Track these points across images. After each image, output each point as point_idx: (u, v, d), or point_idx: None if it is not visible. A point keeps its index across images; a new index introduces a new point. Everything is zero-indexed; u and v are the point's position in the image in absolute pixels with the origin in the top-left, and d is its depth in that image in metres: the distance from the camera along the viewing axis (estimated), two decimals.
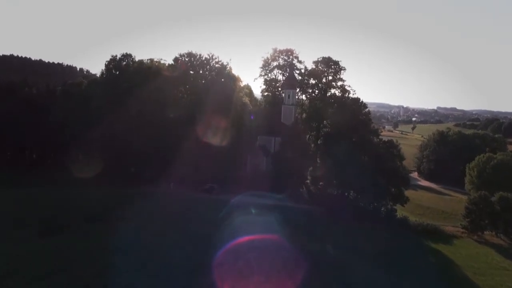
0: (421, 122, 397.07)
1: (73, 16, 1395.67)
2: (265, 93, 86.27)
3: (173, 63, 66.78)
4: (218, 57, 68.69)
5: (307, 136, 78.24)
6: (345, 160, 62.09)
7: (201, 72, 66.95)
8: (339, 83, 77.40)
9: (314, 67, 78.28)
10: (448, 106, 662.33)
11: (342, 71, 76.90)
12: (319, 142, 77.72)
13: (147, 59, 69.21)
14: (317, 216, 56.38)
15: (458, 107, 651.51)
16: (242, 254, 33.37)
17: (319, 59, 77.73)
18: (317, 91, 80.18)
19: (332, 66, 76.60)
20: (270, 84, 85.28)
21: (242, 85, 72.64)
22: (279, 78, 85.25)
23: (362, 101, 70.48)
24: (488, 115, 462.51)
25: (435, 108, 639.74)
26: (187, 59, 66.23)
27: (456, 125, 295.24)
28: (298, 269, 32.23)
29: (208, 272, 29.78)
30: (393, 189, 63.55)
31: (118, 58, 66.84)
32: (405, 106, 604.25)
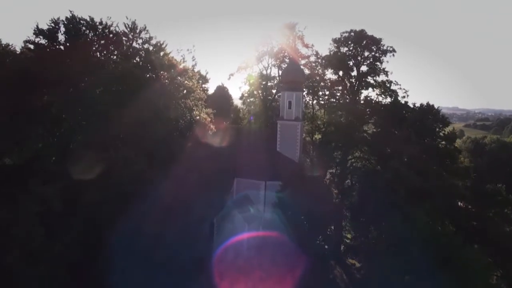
0: None
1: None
2: (249, 100, 51.71)
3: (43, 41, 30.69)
4: (146, 28, 33.51)
5: (326, 176, 43.33)
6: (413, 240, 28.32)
7: (102, 58, 31.37)
8: (381, 78, 42.57)
9: (334, 49, 43.30)
10: (450, 105, 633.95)
11: (386, 56, 41.81)
12: (345, 185, 42.83)
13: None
14: None
15: (460, 106, 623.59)
16: None
17: (343, 36, 42.78)
18: (338, 94, 45.37)
19: (369, 47, 41.41)
20: (257, 84, 50.69)
21: (198, 85, 36.29)
22: (272, 74, 50.71)
23: (439, 111, 36.12)
24: (492, 114, 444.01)
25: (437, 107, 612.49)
26: (69, 34, 30.21)
27: (466, 126, 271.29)
28: None
29: None
30: None
31: None
32: None
